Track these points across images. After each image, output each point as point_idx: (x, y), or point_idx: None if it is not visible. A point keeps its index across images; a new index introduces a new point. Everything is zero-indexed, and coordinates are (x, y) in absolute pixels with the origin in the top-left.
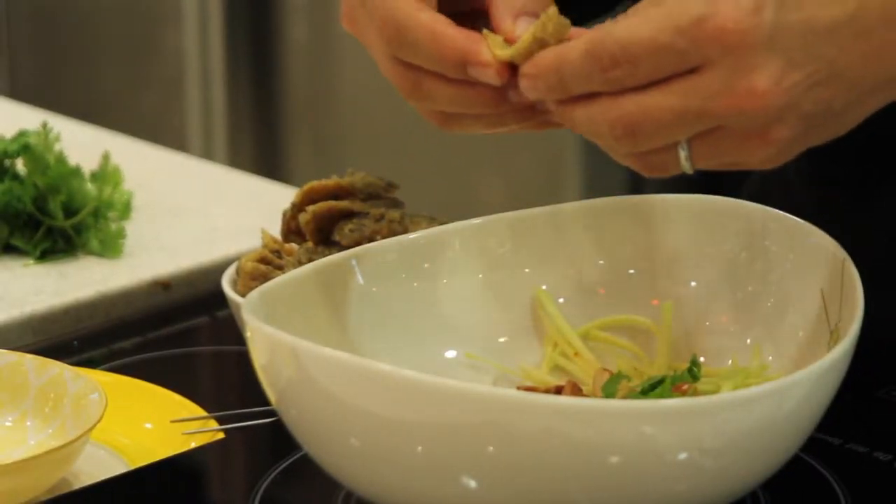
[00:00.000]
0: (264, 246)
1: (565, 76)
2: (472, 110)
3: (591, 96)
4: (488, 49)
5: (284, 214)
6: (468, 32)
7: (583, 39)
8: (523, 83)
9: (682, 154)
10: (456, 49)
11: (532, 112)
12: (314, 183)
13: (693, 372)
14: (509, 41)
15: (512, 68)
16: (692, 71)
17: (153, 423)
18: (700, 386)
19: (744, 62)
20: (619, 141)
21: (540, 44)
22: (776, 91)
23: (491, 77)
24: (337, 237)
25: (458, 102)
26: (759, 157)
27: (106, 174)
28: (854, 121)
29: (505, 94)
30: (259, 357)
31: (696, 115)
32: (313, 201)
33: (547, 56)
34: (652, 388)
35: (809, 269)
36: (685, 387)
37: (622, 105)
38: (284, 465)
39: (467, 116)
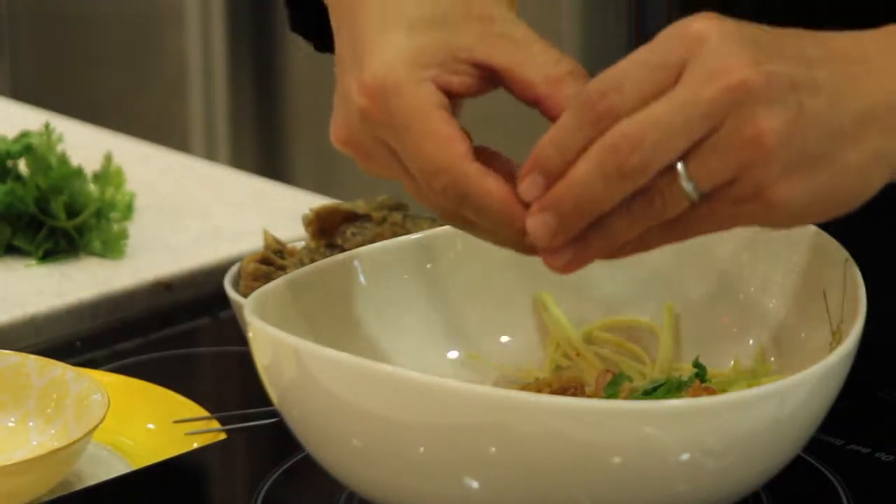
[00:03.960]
0: (266, 247)
1: (562, 145)
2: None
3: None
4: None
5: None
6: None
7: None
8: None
9: (681, 169)
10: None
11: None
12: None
13: (700, 374)
14: None
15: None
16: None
17: (155, 423)
18: (717, 388)
19: (716, 52)
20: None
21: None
22: (753, 68)
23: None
24: (339, 241)
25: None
26: (762, 155)
27: (108, 175)
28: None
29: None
30: (261, 357)
31: (691, 110)
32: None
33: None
34: (654, 390)
35: (811, 269)
36: (706, 389)
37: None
38: (286, 465)
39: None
